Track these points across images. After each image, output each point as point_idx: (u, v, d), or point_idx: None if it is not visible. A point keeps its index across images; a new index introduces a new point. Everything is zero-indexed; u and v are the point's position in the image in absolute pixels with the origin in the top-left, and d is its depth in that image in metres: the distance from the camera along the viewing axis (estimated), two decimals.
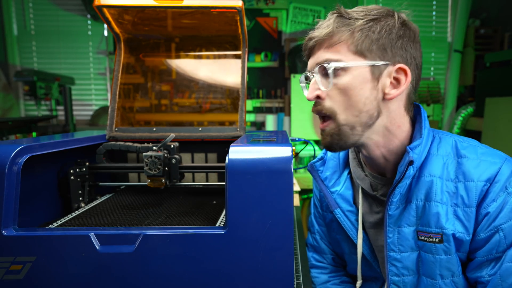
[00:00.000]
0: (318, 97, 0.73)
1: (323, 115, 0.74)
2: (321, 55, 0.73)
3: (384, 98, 0.72)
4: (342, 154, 0.91)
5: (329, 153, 0.92)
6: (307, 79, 0.77)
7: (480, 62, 3.52)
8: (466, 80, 3.69)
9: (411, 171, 0.71)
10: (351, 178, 0.88)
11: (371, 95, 0.71)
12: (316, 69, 0.72)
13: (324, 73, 0.72)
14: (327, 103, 0.72)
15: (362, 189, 0.84)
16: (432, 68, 3.91)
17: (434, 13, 3.85)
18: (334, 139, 0.73)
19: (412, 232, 0.75)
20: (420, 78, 0.76)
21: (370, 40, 0.69)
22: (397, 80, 0.72)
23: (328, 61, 0.71)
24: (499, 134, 2.20)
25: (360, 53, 0.70)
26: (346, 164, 0.90)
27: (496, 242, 0.68)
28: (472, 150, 0.73)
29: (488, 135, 2.44)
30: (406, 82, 0.71)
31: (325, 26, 0.72)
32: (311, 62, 0.75)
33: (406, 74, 0.71)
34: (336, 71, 0.70)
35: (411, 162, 0.70)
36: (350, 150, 0.89)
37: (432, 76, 3.93)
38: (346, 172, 0.89)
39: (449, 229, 0.70)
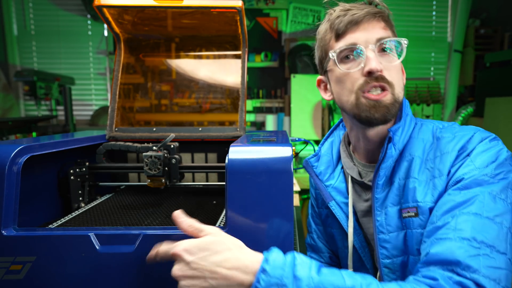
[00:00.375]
0: (378, 70, 0.75)
1: (380, 89, 0.76)
2: (379, 32, 0.76)
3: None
4: (335, 150, 0.94)
5: (322, 149, 0.96)
6: (347, 54, 0.78)
7: (480, 62, 3.52)
8: (466, 80, 3.69)
9: (393, 151, 0.75)
10: (345, 172, 0.91)
11: (402, 77, 0.80)
12: (378, 44, 0.76)
13: (380, 50, 0.76)
14: (388, 76, 0.75)
15: (352, 178, 0.87)
16: (432, 68, 3.91)
17: (434, 13, 3.85)
18: (390, 110, 0.76)
19: (397, 212, 0.76)
20: None
21: (394, 28, 0.80)
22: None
23: (390, 38, 0.76)
24: (499, 134, 2.21)
25: (396, 36, 0.79)
26: (339, 159, 0.93)
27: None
28: (448, 130, 0.77)
29: None
30: (404, 75, 0.82)
31: (374, 5, 0.79)
32: (363, 36, 0.76)
33: (402, 69, 0.82)
34: (394, 48, 0.77)
35: (389, 139, 0.74)
36: (341, 144, 0.93)
37: (432, 76, 3.93)
38: (339, 167, 0.92)
39: (424, 202, 0.71)
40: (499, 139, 0.74)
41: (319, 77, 0.89)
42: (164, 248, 0.58)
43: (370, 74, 0.74)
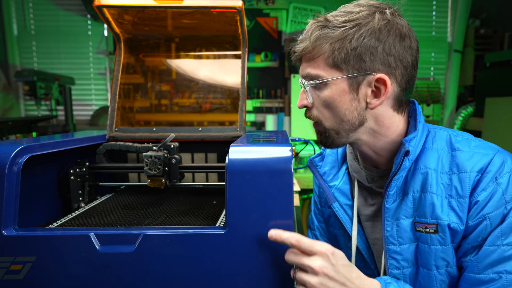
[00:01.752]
0: (305, 106, 0.77)
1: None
2: (304, 68, 0.75)
3: (367, 106, 0.73)
4: (340, 150, 0.93)
5: (328, 149, 0.94)
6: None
7: (480, 62, 3.52)
8: (466, 80, 3.69)
9: (407, 162, 0.73)
10: (349, 174, 0.90)
11: (351, 106, 0.72)
12: (303, 80, 0.76)
13: (311, 85, 0.75)
14: (314, 112, 0.76)
15: (358, 181, 0.86)
16: (432, 68, 3.92)
17: (434, 13, 3.85)
18: (323, 139, 0.79)
19: (410, 224, 0.76)
20: (412, 76, 0.74)
21: (346, 51, 0.68)
22: (377, 89, 0.71)
23: (308, 76, 0.74)
24: (499, 134, 2.20)
25: (337, 66, 0.70)
26: (344, 159, 0.92)
27: (482, 229, 0.69)
28: (466, 143, 0.75)
29: (488, 135, 2.45)
30: (386, 92, 0.70)
31: (304, 39, 0.73)
32: (300, 71, 0.78)
33: (385, 84, 0.70)
34: (316, 85, 0.73)
35: (407, 153, 0.72)
36: (347, 145, 0.91)
37: (432, 76, 3.93)
38: (344, 168, 0.91)
39: (444, 220, 0.71)
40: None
41: None
42: (307, 241, 0.60)
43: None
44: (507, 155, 0.73)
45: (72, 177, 0.89)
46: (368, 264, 0.87)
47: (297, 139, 1.29)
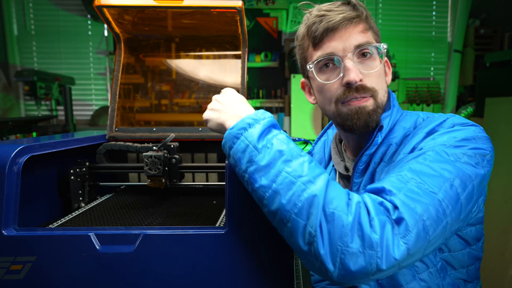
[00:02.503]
0: (361, 79, 0.74)
1: (361, 98, 0.74)
2: (358, 37, 0.73)
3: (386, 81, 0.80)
4: (327, 148, 0.96)
5: (315, 148, 0.99)
6: (325, 63, 0.76)
7: (480, 62, 3.52)
8: (466, 80, 3.69)
9: (379, 138, 0.75)
10: (336, 170, 0.92)
11: (385, 78, 0.80)
12: (356, 51, 0.73)
13: (359, 56, 0.74)
14: (369, 84, 0.74)
15: (339, 173, 0.89)
16: (432, 68, 3.91)
17: (434, 13, 3.85)
18: (373, 117, 0.75)
19: None
20: None
21: (377, 32, 0.78)
22: (386, 63, 0.81)
23: (369, 43, 0.74)
24: (499, 134, 2.21)
25: (378, 40, 0.78)
26: (330, 158, 0.94)
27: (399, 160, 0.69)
28: (429, 119, 0.76)
29: (488, 135, 2.45)
30: (390, 72, 0.82)
31: (351, 10, 0.75)
32: (340, 45, 0.74)
33: (389, 66, 0.82)
34: (374, 55, 0.75)
35: (380, 128, 0.74)
36: (332, 142, 0.94)
37: (432, 76, 3.93)
38: (331, 165, 0.93)
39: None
40: (478, 126, 0.70)
41: (303, 79, 0.89)
42: None
43: (349, 85, 0.73)
44: (463, 119, 0.72)
45: (72, 177, 0.89)
46: None
47: (297, 139, 1.29)
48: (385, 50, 0.77)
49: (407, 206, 0.53)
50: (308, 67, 0.78)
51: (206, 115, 0.72)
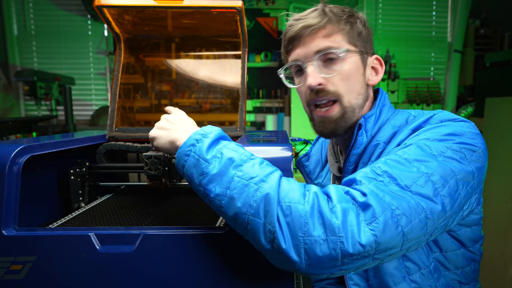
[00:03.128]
0: (319, 84, 0.76)
1: (326, 101, 0.77)
2: (319, 44, 0.75)
3: (368, 84, 0.80)
4: (324, 151, 0.97)
5: (313, 150, 1.00)
6: (297, 69, 0.82)
7: (480, 62, 3.52)
8: (466, 80, 3.69)
9: (364, 138, 0.75)
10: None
11: (363, 80, 0.79)
12: (316, 56, 0.75)
13: (325, 60, 0.76)
14: (331, 88, 0.76)
15: (333, 175, 0.90)
16: (432, 68, 3.91)
17: (434, 13, 3.85)
18: (339, 124, 0.78)
19: None
20: None
21: (356, 32, 0.78)
22: (374, 68, 0.82)
23: (330, 48, 0.75)
24: (499, 134, 2.20)
25: (353, 43, 0.77)
26: (327, 158, 0.95)
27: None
28: (419, 115, 0.75)
29: (488, 135, 2.45)
30: (382, 70, 0.82)
31: (315, 16, 0.76)
32: (303, 51, 0.77)
33: (381, 64, 0.82)
34: (338, 58, 0.76)
35: (360, 126, 0.75)
36: (329, 143, 0.95)
37: (432, 76, 3.93)
38: (328, 167, 0.94)
39: None
40: (469, 122, 0.69)
41: None
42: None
43: (310, 88, 0.76)
44: (452, 115, 0.71)
45: (72, 177, 0.89)
46: None
47: (297, 139, 1.29)
48: (342, 55, 0.75)
49: (375, 194, 0.53)
50: (278, 73, 0.87)
51: (154, 133, 0.71)
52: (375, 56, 0.82)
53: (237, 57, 1.09)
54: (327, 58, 0.76)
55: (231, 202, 0.55)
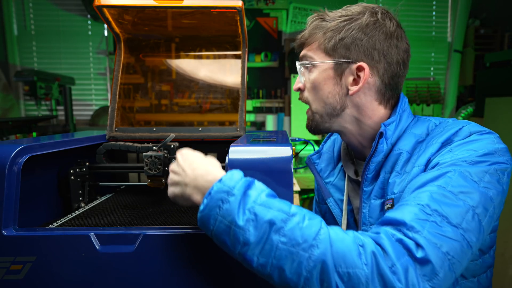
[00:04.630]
0: (299, 88, 0.84)
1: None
2: (302, 52, 0.82)
3: (348, 93, 0.78)
4: (336, 147, 0.96)
5: (324, 147, 0.99)
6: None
7: (480, 62, 3.52)
8: (466, 80, 3.69)
9: (384, 146, 0.75)
10: (344, 171, 0.92)
11: (333, 90, 0.79)
12: (298, 63, 0.82)
13: (303, 67, 0.82)
14: (305, 94, 0.83)
15: (348, 176, 0.89)
16: (432, 68, 3.91)
17: (434, 13, 3.85)
18: (311, 124, 0.84)
19: (380, 205, 0.77)
20: (397, 73, 0.78)
21: (335, 40, 0.76)
22: (358, 77, 0.77)
23: (304, 57, 0.81)
24: (499, 134, 2.21)
25: (327, 52, 0.78)
26: (339, 156, 0.94)
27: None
28: (442, 125, 0.75)
29: None
30: (363, 79, 0.76)
31: (309, 27, 0.81)
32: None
33: (364, 72, 0.76)
34: (308, 67, 0.81)
35: (381, 134, 0.75)
36: (342, 142, 0.95)
37: (432, 76, 3.92)
38: (340, 165, 0.93)
39: (399, 193, 0.71)
40: (494, 134, 0.70)
41: None
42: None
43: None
44: (479, 127, 0.71)
45: (72, 177, 0.89)
46: None
47: (297, 139, 1.29)
48: (300, 70, 0.82)
49: (432, 245, 0.51)
50: None
51: (170, 192, 0.66)
52: (359, 63, 0.75)
53: (237, 57, 1.09)
54: (304, 66, 0.82)
55: (279, 272, 0.51)
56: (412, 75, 3.85)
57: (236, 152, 0.65)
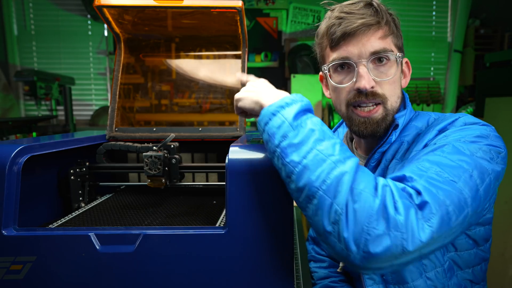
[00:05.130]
0: (372, 87, 0.75)
1: (374, 103, 0.77)
2: (376, 45, 0.74)
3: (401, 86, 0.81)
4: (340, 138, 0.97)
5: None
6: (339, 65, 0.78)
7: (480, 62, 3.52)
8: (466, 80, 3.69)
9: (393, 136, 0.76)
10: None
11: (400, 83, 0.81)
12: (371, 58, 0.74)
13: (375, 62, 0.75)
14: (380, 91, 0.76)
15: None
16: (432, 68, 3.91)
17: (434, 13, 3.85)
18: (381, 125, 0.77)
19: None
20: None
21: (399, 35, 0.78)
22: (403, 71, 0.82)
23: (385, 51, 0.74)
24: (499, 134, 2.21)
25: (398, 46, 0.78)
26: None
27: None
28: (441, 118, 0.76)
29: None
30: (409, 73, 0.83)
31: (372, 14, 0.74)
32: (357, 50, 0.74)
33: (409, 67, 0.83)
34: (389, 61, 0.75)
35: (396, 126, 0.76)
36: (342, 140, 0.93)
37: (432, 76, 3.93)
38: None
39: None
40: (490, 126, 0.71)
41: (321, 73, 0.90)
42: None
43: (359, 90, 0.74)
44: (475, 119, 0.72)
45: (72, 177, 0.89)
46: None
47: None
48: (400, 57, 0.77)
49: (429, 191, 0.54)
50: (323, 68, 0.81)
51: (239, 94, 0.71)
52: (405, 59, 0.82)
53: (237, 57, 1.09)
54: (379, 59, 0.75)
55: (304, 171, 0.55)
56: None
57: (236, 152, 0.65)
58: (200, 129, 1.02)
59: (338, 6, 0.78)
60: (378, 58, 0.74)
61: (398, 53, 0.76)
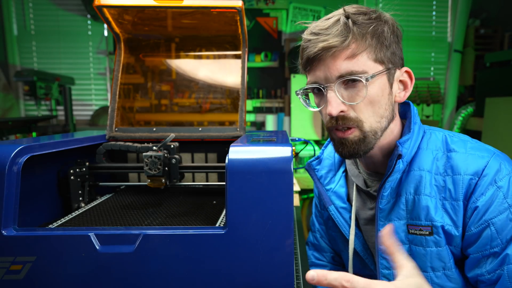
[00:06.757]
0: (342, 111, 0.70)
1: (346, 127, 0.72)
2: (341, 67, 0.68)
3: (394, 101, 0.74)
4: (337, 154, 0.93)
5: (325, 153, 0.95)
6: (316, 88, 0.73)
7: (480, 62, 3.52)
8: (466, 80, 3.69)
9: (401, 165, 0.72)
10: (346, 177, 0.90)
11: (388, 100, 0.72)
12: (338, 82, 0.68)
13: (347, 83, 0.69)
14: (353, 114, 0.70)
15: (357, 186, 0.86)
16: (432, 68, 3.91)
17: (434, 13, 3.85)
18: (359, 147, 0.72)
19: (402, 226, 0.75)
20: None
21: (384, 46, 0.69)
22: (403, 82, 0.75)
23: (353, 73, 0.67)
24: (499, 134, 2.20)
25: (379, 59, 0.69)
26: (340, 163, 0.92)
27: (488, 237, 0.67)
28: (462, 144, 0.74)
29: (488, 135, 2.44)
30: (411, 84, 0.74)
31: (337, 34, 0.67)
32: (323, 74, 0.70)
33: (411, 77, 0.75)
34: (362, 82, 0.68)
35: (399, 156, 0.71)
36: None
37: (432, 76, 3.93)
38: (341, 171, 0.90)
39: (438, 221, 0.71)
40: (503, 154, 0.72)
41: None
42: (362, 281, 0.50)
43: (330, 117, 0.71)
44: (503, 158, 0.72)
45: (72, 177, 0.89)
46: (367, 265, 0.87)
47: (297, 139, 1.29)
48: (366, 82, 0.67)
49: None
50: (295, 93, 0.80)
51: None
52: (404, 68, 0.74)
53: (237, 57, 1.09)
54: (351, 80, 0.68)
55: None
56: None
57: (236, 152, 0.65)
58: (200, 129, 1.02)
59: (311, 25, 0.72)
60: (347, 80, 0.68)
61: (372, 72, 0.68)
